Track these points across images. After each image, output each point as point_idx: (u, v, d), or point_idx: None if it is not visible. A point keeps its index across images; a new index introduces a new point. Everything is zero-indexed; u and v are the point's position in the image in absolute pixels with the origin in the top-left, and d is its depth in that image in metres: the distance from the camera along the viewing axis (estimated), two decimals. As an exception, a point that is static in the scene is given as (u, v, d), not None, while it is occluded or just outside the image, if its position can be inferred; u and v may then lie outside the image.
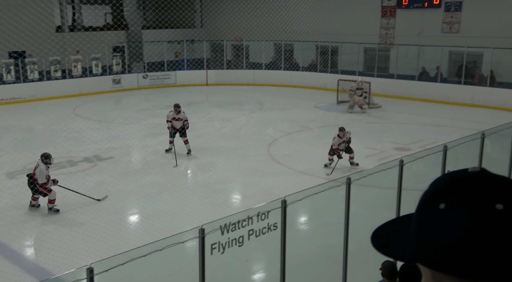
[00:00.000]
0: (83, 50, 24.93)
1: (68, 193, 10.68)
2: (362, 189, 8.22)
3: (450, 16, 22.12)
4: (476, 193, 0.88)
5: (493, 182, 0.90)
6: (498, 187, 0.89)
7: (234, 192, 11.95)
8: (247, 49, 27.75)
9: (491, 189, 0.89)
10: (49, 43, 23.27)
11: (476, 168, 0.93)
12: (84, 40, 25.55)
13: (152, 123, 18.25)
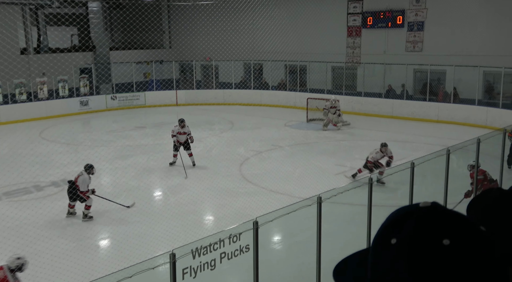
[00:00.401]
0: (49, 72, 24.55)
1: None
2: (334, 206, 8.26)
3: (413, 36, 22.66)
4: (425, 229, 0.88)
5: (442, 217, 0.89)
6: (446, 222, 0.88)
7: (206, 214, 11.86)
8: (216, 69, 27.82)
9: (439, 225, 0.88)
10: (14, 66, 22.88)
11: (427, 203, 0.92)
12: (51, 62, 25.17)
13: (122, 145, 18.05)
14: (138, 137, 19.41)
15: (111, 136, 19.62)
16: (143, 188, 13.21)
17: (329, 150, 17.10)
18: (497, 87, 20.18)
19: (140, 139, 19.15)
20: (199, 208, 11.87)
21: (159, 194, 13.38)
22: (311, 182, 12.52)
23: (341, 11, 24.59)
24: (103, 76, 26.36)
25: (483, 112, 19.55)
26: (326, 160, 15.53)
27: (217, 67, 27.75)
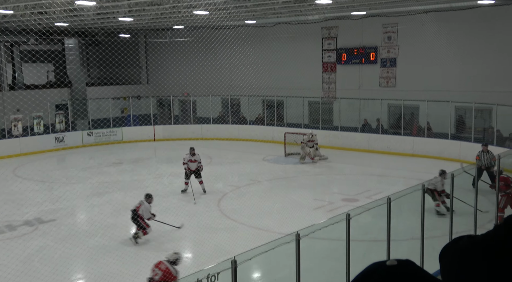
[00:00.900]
0: (24, 108, 24.31)
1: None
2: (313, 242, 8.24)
3: (386, 72, 23.15)
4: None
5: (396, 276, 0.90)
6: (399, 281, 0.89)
7: (184, 251, 11.64)
8: (194, 104, 27.91)
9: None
10: (-12, 102, 22.64)
11: (393, 261, 0.93)
12: (26, 98, 24.96)
13: (98, 181, 17.82)
14: (115, 174, 19.22)
15: (87, 173, 19.38)
16: (120, 225, 12.98)
17: (308, 185, 17.15)
18: (468, 122, 20.59)
19: (117, 175, 18.96)
20: (177, 245, 11.69)
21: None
22: (290, 217, 12.46)
23: (316, 47, 25.07)
24: (80, 112, 26.22)
25: (456, 146, 19.88)
26: (305, 194, 15.55)
27: (194, 102, 27.85)
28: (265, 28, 25.42)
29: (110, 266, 10.02)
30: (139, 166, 20.49)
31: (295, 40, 24.68)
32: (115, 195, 15.80)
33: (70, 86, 27.45)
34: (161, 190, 16.46)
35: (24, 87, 27.05)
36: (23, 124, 23.50)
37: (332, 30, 24.56)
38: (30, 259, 10.73)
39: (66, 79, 27.69)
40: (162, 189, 16.54)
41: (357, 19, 22.42)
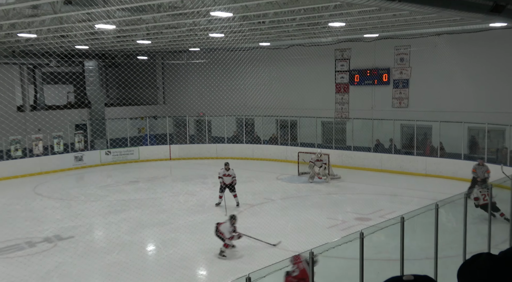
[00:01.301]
0: (45, 128, 24.65)
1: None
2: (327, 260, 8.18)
3: (399, 92, 23.13)
4: None
5: None
6: None
7: (199, 269, 11.66)
8: (209, 124, 28.03)
9: None
10: (10, 122, 22.98)
11: (409, 276, 0.96)
12: (47, 118, 25.33)
13: (116, 199, 17.91)
14: (132, 192, 19.30)
15: (105, 191, 19.49)
16: (136, 242, 13.03)
17: (321, 204, 17.05)
18: (481, 142, 20.41)
19: (133, 193, 19.04)
20: (191, 263, 11.69)
21: (152, 249, 13.18)
22: (304, 236, 12.41)
23: (329, 68, 25.16)
24: (98, 131, 26.47)
25: (469, 166, 19.58)
26: (318, 213, 15.47)
27: (210, 122, 27.98)
28: (279, 50, 25.61)
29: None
30: (155, 185, 20.56)
31: (308, 61, 24.79)
32: (132, 213, 15.86)
33: (90, 107, 27.80)
34: (177, 208, 16.52)
35: (45, 107, 27.47)
36: (44, 143, 23.77)
37: (345, 52, 24.67)
38: (50, 275, 10.78)
39: (85, 99, 28.07)
40: (177, 207, 16.60)
41: (370, 41, 22.50)
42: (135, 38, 19.85)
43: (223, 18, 14.27)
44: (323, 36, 20.74)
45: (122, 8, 12.44)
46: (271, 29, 17.84)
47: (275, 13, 14.24)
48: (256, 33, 18.68)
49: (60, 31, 17.01)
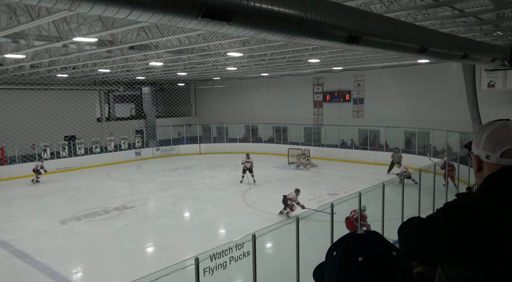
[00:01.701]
0: (115, 133, 24.73)
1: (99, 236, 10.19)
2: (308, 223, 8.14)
3: (357, 107, 23.02)
4: (350, 248, 0.88)
5: (365, 241, 0.89)
6: (366, 245, 0.87)
7: (219, 229, 11.64)
8: (226, 129, 28.02)
9: (360, 246, 0.87)
10: (92, 129, 23.08)
11: (362, 230, 0.92)
12: (116, 126, 25.40)
13: (163, 182, 17.93)
14: (173, 176, 19.32)
15: (155, 176, 19.52)
16: (177, 211, 13.05)
17: (303, 184, 16.97)
18: (413, 141, 20.33)
19: (174, 177, 19.05)
20: (215, 224, 11.68)
21: (188, 215, 13.19)
22: (291, 206, 12.39)
23: (309, 91, 25.07)
24: (151, 135, 26.50)
25: (405, 157, 19.57)
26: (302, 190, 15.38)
27: (227, 128, 27.96)
28: (274, 78, 25.55)
29: (170, 238, 10.04)
30: (189, 171, 20.58)
31: (294, 86, 24.76)
32: (174, 191, 15.88)
33: (145, 118, 27.81)
34: (204, 187, 16.52)
35: (115, 119, 27.52)
36: (115, 143, 23.82)
37: (320, 79, 24.58)
38: (118, 232, 10.80)
39: (142, 113, 28.09)
40: (205, 186, 16.60)
41: (337, 72, 22.41)
42: (176, 71, 19.85)
43: (236, 57, 14.25)
44: (304, 68, 20.69)
45: (167, 51, 12.44)
46: (269, 64, 17.80)
47: (272, 53, 14.20)
48: (258, 66, 18.64)
49: (126, 68, 17.04)
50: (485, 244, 1.10)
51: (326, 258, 0.92)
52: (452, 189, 11.63)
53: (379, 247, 0.87)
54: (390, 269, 0.83)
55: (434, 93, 19.30)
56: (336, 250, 0.90)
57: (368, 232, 0.91)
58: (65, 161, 21.22)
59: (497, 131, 1.28)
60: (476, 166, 1.34)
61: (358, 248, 0.87)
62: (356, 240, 0.90)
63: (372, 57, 15.72)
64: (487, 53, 10.26)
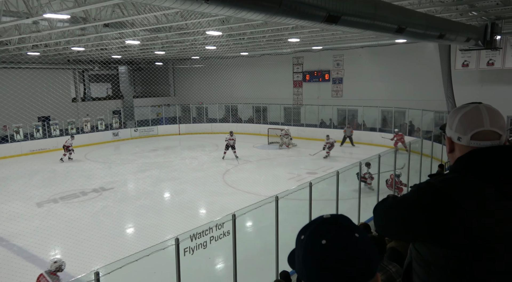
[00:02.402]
0: (92, 113, 24.10)
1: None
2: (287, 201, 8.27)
3: (336, 87, 23.15)
4: (316, 231, 0.90)
5: (329, 225, 0.91)
6: (330, 228, 0.89)
7: (200, 209, 11.69)
8: (206, 109, 27.75)
9: (325, 230, 0.89)
10: (67, 110, 22.40)
11: (328, 215, 0.94)
12: (92, 106, 24.74)
13: (142, 163, 17.73)
14: (153, 157, 19.12)
15: (134, 156, 19.26)
16: (156, 192, 12.98)
17: (283, 163, 17.17)
18: (390, 120, 20.71)
19: (154, 158, 18.86)
20: (195, 205, 11.71)
21: (168, 196, 13.15)
22: (271, 185, 12.53)
23: (289, 70, 24.98)
24: (129, 115, 25.97)
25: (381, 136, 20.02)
26: (282, 170, 15.58)
27: (206, 108, 27.70)
28: (254, 58, 25.28)
29: (150, 219, 10.02)
30: (169, 152, 20.40)
31: (274, 65, 24.59)
32: (153, 172, 15.75)
33: (122, 98, 27.16)
34: (184, 167, 16.46)
35: (91, 99, 26.76)
36: (91, 124, 23.25)
37: (299, 59, 24.49)
38: (97, 214, 10.69)
39: (119, 93, 27.41)
40: (184, 167, 16.53)
41: (316, 51, 22.37)
42: (153, 49, 19.33)
43: (215, 36, 13.96)
44: (284, 48, 20.52)
45: (143, 29, 12.05)
46: (249, 43, 17.56)
47: (251, 32, 13.98)
48: (238, 46, 18.37)
49: (101, 45, 16.45)
50: (456, 222, 1.15)
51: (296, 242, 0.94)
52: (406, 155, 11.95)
53: (343, 229, 0.89)
54: (351, 251, 0.86)
55: (411, 72, 19.58)
56: (303, 234, 0.92)
57: (334, 216, 0.93)
58: (39, 143, 20.61)
59: (469, 114, 1.32)
60: (448, 147, 1.39)
61: (323, 232, 0.89)
62: (322, 223, 0.92)
63: (351, 36, 15.72)
64: (462, 33, 10.43)
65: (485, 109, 1.31)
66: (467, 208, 1.16)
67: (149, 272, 6.98)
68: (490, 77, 16.66)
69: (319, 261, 0.85)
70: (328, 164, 16.07)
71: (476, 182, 1.22)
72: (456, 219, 1.15)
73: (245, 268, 6.81)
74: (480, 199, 1.18)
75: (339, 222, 0.92)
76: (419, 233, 1.23)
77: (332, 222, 0.92)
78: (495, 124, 1.29)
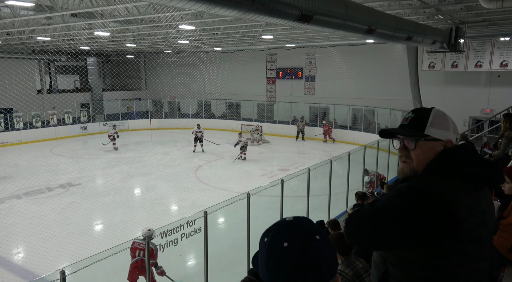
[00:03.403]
0: (58, 106, 23.21)
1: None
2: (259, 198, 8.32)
3: (309, 84, 23.40)
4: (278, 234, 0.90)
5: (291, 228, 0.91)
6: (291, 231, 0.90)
7: (171, 205, 11.56)
8: (178, 104, 27.37)
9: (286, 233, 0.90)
10: (32, 102, 21.45)
11: (290, 217, 0.95)
12: (59, 99, 23.81)
13: (111, 158, 17.29)
14: (123, 152, 18.68)
15: (103, 152, 18.75)
16: (127, 188, 12.71)
17: (256, 159, 17.22)
18: (359, 118, 21.19)
19: (124, 153, 18.43)
20: (166, 201, 11.57)
21: (138, 192, 12.91)
22: (244, 181, 12.55)
23: (262, 67, 25.01)
24: (98, 109, 25.21)
25: (351, 134, 20.46)
26: (254, 166, 15.63)
27: (179, 103, 27.33)
28: (227, 53, 25.13)
29: (120, 215, 9.81)
30: (140, 147, 20.01)
31: (248, 62, 24.54)
32: (123, 167, 15.41)
33: (91, 91, 26.30)
34: (155, 163, 16.20)
35: (58, 91, 25.73)
36: (58, 117, 22.41)
37: (273, 55, 24.57)
38: (64, 210, 10.36)
39: (88, 86, 26.52)
40: (156, 162, 16.27)
41: (290, 49, 22.51)
42: (124, 42, 18.81)
43: (188, 30, 13.76)
44: (258, 44, 20.53)
45: (114, 20, 11.70)
46: (222, 38, 17.43)
47: (225, 27, 13.89)
48: (211, 41, 18.19)
49: (69, 36, 15.83)
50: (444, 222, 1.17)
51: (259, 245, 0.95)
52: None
53: (304, 232, 0.90)
54: (311, 253, 0.87)
55: (380, 72, 20.08)
56: (267, 236, 0.93)
57: (297, 218, 0.95)
58: (1, 136, 19.66)
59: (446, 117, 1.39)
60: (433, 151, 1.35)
61: (285, 234, 0.90)
62: (284, 226, 0.93)
63: (324, 35, 15.93)
64: (429, 36, 10.81)
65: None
66: (458, 206, 1.18)
67: (117, 270, 6.84)
68: (454, 78, 17.38)
69: (279, 263, 0.86)
70: (301, 160, 16.27)
71: (456, 180, 1.25)
72: (450, 220, 1.16)
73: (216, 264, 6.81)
74: (465, 195, 1.22)
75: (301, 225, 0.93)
76: (411, 240, 1.20)
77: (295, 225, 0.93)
78: None
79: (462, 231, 1.18)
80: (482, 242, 1.23)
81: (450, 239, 1.18)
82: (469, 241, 1.20)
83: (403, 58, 18.21)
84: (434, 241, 1.18)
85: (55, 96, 24.19)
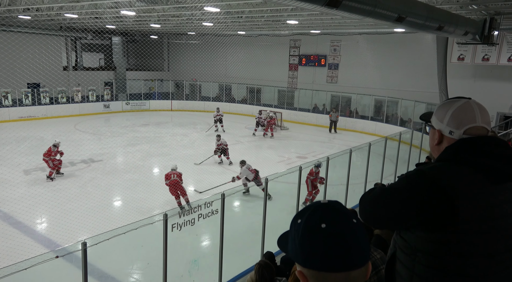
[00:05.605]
0: (83, 83, 23.69)
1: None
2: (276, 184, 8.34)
3: (332, 72, 23.06)
4: (314, 216, 0.90)
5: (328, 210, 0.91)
6: (328, 213, 0.90)
7: (190, 186, 11.73)
8: (199, 87, 27.48)
9: (324, 214, 0.90)
10: (58, 78, 21.95)
11: (325, 201, 0.95)
12: (84, 76, 24.28)
13: (132, 136, 17.62)
14: (144, 131, 19.00)
15: (125, 130, 19.11)
16: (146, 166, 12.97)
17: (274, 146, 17.23)
18: (382, 109, 20.81)
19: (145, 132, 18.75)
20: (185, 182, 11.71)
21: (157, 171, 13.12)
22: (261, 167, 12.54)
23: (285, 53, 24.74)
24: (121, 88, 25.58)
25: (373, 125, 20.15)
26: (272, 152, 15.65)
27: (200, 86, 27.43)
28: (251, 37, 24.91)
29: (139, 193, 10.05)
30: (160, 127, 20.29)
31: (271, 46, 24.28)
32: (143, 146, 15.69)
33: (115, 70, 26.67)
34: (175, 144, 16.42)
35: (83, 68, 26.22)
36: (82, 94, 22.90)
37: (297, 41, 24.23)
38: (85, 185, 10.68)
39: (112, 64, 26.88)
40: (175, 143, 16.50)
41: (314, 35, 22.12)
42: (149, 22, 18.89)
43: (213, 12, 13.68)
44: (282, 29, 20.25)
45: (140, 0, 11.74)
46: (246, 22, 17.26)
47: (250, 11, 13.73)
48: (235, 24, 18.06)
49: (95, 14, 16.00)
50: (447, 208, 1.18)
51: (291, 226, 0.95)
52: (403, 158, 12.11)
53: (342, 214, 0.91)
54: (350, 235, 0.87)
55: (407, 63, 19.56)
56: (300, 218, 0.93)
57: (331, 202, 0.95)
58: (28, 110, 20.27)
59: (462, 109, 1.37)
60: (437, 140, 1.42)
61: (322, 216, 0.90)
62: (320, 208, 0.93)
63: (350, 22, 15.56)
64: (461, 26, 10.39)
65: (476, 105, 1.38)
66: (457, 193, 1.19)
67: (135, 245, 7.04)
68: (483, 72, 16.74)
69: (317, 244, 0.86)
70: (319, 149, 16.18)
71: (465, 169, 1.25)
72: (446, 205, 1.18)
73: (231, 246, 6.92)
74: (469, 185, 1.21)
75: (337, 208, 0.93)
76: (409, 220, 1.25)
77: (330, 207, 0.93)
78: (485, 120, 1.36)
79: (462, 220, 1.17)
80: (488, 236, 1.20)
81: (448, 226, 1.18)
82: (473, 233, 1.19)
83: (431, 49, 17.64)
84: (432, 226, 1.20)
85: (80, 73, 24.67)
